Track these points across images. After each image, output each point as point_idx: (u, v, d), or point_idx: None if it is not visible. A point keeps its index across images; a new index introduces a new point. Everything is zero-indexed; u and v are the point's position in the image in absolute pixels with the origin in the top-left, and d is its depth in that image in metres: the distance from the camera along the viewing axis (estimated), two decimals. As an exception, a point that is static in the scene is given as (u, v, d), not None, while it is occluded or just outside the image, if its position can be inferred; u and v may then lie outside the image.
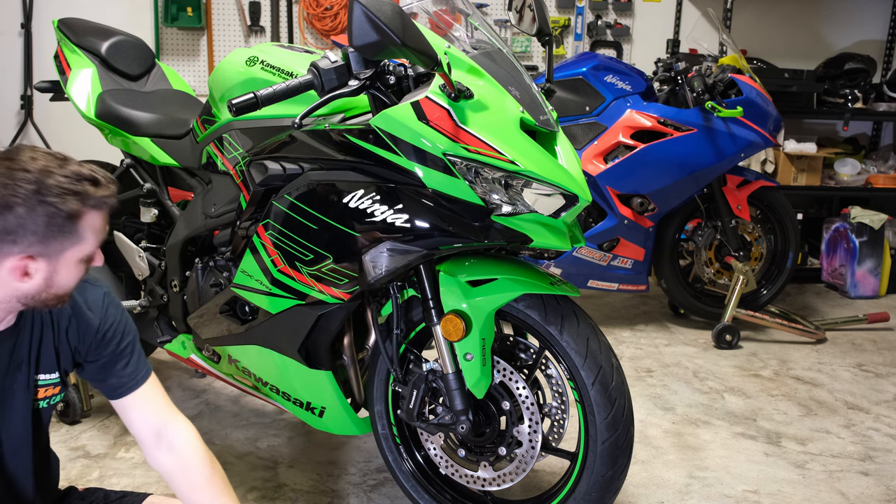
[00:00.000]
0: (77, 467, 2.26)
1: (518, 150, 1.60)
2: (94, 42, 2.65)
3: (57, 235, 1.19)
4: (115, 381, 1.45)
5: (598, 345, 1.71)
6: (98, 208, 1.23)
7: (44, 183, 1.17)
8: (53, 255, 1.21)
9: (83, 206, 1.20)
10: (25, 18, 4.53)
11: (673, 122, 3.31)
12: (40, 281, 1.22)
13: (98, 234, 1.26)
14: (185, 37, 4.69)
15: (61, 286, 1.26)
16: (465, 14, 1.91)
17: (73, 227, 1.20)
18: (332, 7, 4.61)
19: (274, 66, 1.90)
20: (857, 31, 5.04)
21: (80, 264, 1.27)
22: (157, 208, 2.46)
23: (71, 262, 1.24)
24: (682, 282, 3.64)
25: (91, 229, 1.23)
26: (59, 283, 1.25)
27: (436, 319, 1.71)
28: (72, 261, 1.24)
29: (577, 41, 4.91)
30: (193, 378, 2.94)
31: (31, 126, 4.58)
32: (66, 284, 1.27)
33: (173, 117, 2.37)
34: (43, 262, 1.21)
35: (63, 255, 1.22)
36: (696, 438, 2.55)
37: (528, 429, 1.76)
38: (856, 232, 4.26)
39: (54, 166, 1.19)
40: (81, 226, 1.21)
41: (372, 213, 1.64)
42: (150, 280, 2.39)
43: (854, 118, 4.41)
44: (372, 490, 2.20)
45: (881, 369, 3.23)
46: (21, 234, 1.16)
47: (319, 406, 1.96)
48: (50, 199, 1.16)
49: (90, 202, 1.21)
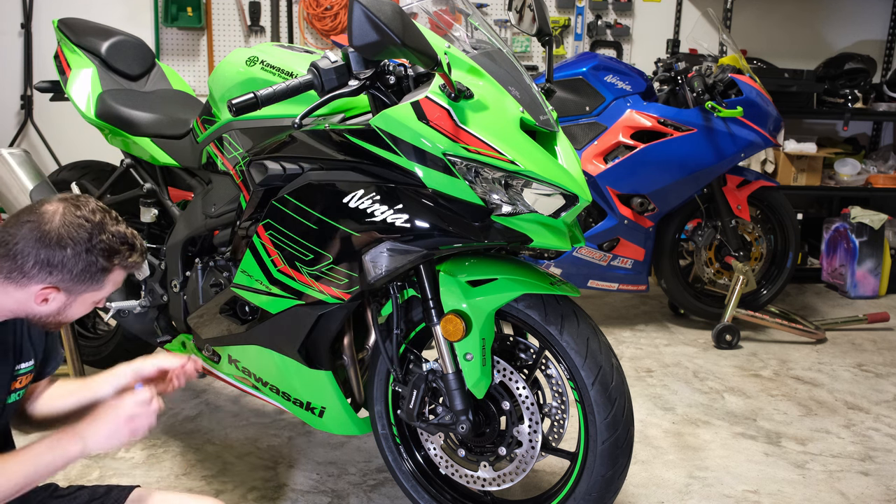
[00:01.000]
0: (77, 467, 2.26)
1: (518, 150, 1.60)
2: (94, 42, 2.65)
3: (86, 280, 1.37)
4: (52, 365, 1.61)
5: (598, 345, 1.71)
6: (124, 269, 1.43)
7: (96, 236, 1.36)
8: (74, 294, 1.39)
9: (116, 265, 1.40)
10: (25, 18, 4.53)
11: (673, 122, 3.31)
12: (54, 309, 1.39)
13: (115, 287, 1.45)
14: (185, 37, 4.69)
15: (68, 317, 1.42)
16: (465, 14, 1.91)
17: (101, 277, 1.39)
18: (332, 7, 4.60)
19: (274, 66, 1.90)
20: (857, 31, 5.04)
21: (90, 305, 1.44)
22: (157, 208, 2.46)
23: (85, 302, 1.42)
24: (682, 282, 3.64)
25: (113, 282, 1.43)
26: (67, 314, 1.42)
27: (436, 319, 1.71)
28: (86, 302, 1.42)
29: (577, 41, 4.91)
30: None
31: (31, 126, 4.58)
32: (72, 317, 1.43)
33: (173, 117, 2.37)
34: (63, 295, 1.38)
35: (82, 295, 1.40)
36: (696, 438, 2.55)
37: (528, 429, 1.76)
38: (856, 232, 4.26)
39: (109, 223, 1.39)
40: (107, 278, 1.41)
41: (372, 213, 1.64)
42: (150, 280, 2.39)
43: (854, 118, 4.41)
44: (372, 490, 2.20)
45: (881, 369, 3.23)
46: (58, 270, 1.34)
47: (319, 406, 1.96)
48: (94, 254, 1.36)
49: (122, 263, 1.41)
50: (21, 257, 1.32)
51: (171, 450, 2.40)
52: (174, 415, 2.64)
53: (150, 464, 2.31)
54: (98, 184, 2.71)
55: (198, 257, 2.20)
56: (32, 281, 1.33)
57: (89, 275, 1.36)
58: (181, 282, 2.25)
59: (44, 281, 1.33)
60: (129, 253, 1.41)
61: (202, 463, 2.32)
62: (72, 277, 1.35)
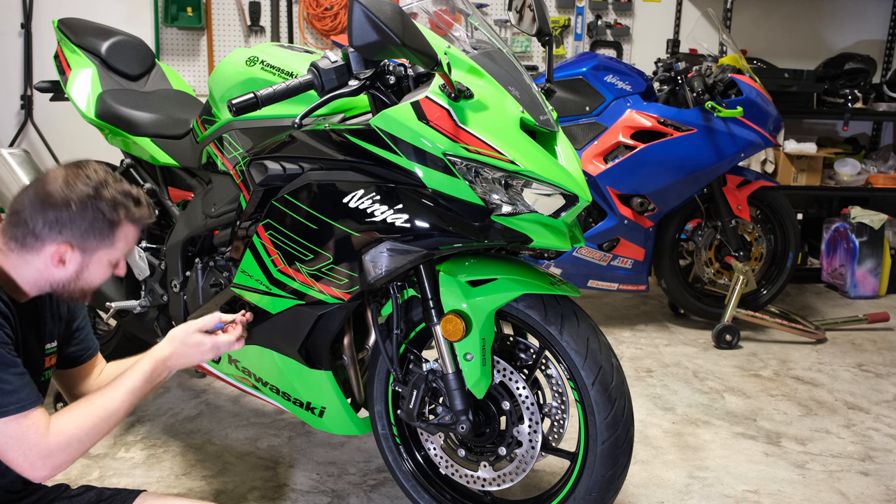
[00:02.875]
0: (77, 467, 2.26)
1: (518, 149, 1.60)
2: (94, 42, 2.65)
3: (96, 235, 1.41)
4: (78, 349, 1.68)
5: (598, 345, 1.71)
6: (134, 223, 1.47)
7: (99, 192, 1.40)
8: (88, 252, 1.43)
9: (123, 218, 1.44)
10: (25, 18, 4.53)
11: (673, 122, 3.31)
12: (72, 271, 1.43)
13: (128, 245, 1.48)
14: (185, 37, 4.69)
15: (88, 281, 1.46)
16: (465, 14, 1.91)
17: (111, 232, 1.43)
18: (332, 7, 4.61)
19: (274, 66, 1.90)
20: (857, 31, 5.04)
21: (107, 266, 1.47)
22: (157, 208, 2.46)
23: (101, 261, 1.45)
24: (682, 282, 3.64)
25: (124, 239, 1.46)
26: (87, 277, 1.45)
27: (436, 319, 1.71)
28: (102, 261, 1.45)
29: (577, 41, 4.91)
30: (193, 378, 2.94)
31: (31, 126, 4.58)
32: (92, 280, 1.47)
33: (173, 117, 2.37)
34: (78, 253, 1.42)
35: (96, 253, 1.44)
36: (696, 438, 2.55)
37: (528, 429, 1.76)
38: (856, 232, 4.26)
39: (111, 181, 1.43)
40: (117, 234, 1.44)
41: (372, 213, 1.64)
42: (150, 280, 2.39)
43: (854, 118, 4.41)
44: (372, 490, 2.20)
45: (881, 369, 3.23)
46: (68, 227, 1.39)
47: (319, 406, 1.96)
48: (100, 206, 1.40)
49: (129, 216, 1.45)
50: (31, 221, 1.37)
51: (171, 450, 2.40)
52: (174, 415, 2.64)
53: (150, 464, 2.31)
54: (98, 184, 2.71)
55: (198, 257, 2.20)
56: (45, 242, 1.38)
57: (98, 228, 1.40)
58: (181, 282, 2.25)
59: (55, 240, 1.38)
60: (135, 206, 1.45)
61: (202, 463, 2.32)
62: (81, 232, 1.39)
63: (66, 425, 1.36)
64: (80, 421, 1.37)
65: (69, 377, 1.68)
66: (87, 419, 1.38)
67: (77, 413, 1.39)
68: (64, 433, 1.35)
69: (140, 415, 2.62)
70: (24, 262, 1.40)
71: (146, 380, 1.48)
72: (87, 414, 1.39)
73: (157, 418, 2.61)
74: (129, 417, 2.59)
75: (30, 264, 1.40)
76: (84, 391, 1.68)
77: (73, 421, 1.37)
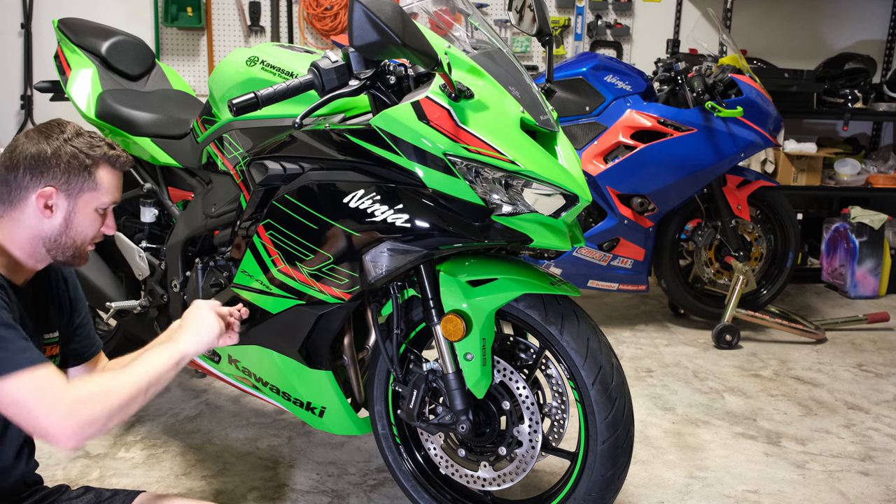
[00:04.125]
0: (77, 467, 2.26)
1: (518, 149, 1.60)
2: (94, 42, 2.65)
3: (76, 174, 1.42)
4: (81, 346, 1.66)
5: (598, 345, 1.71)
6: (110, 163, 1.47)
7: (72, 138, 1.44)
8: (72, 194, 1.42)
9: (100, 157, 1.45)
10: (25, 18, 4.53)
11: (673, 122, 3.31)
12: (60, 219, 1.42)
13: (111, 189, 1.47)
14: (185, 37, 4.69)
15: (79, 232, 1.45)
16: (465, 14, 1.91)
17: (90, 172, 1.43)
18: (332, 7, 4.61)
19: (274, 66, 1.90)
20: (857, 31, 5.04)
21: (96, 215, 1.46)
22: (157, 208, 2.46)
23: (87, 207, 1.45)
24: (682, 282, 3.64)
25: (106, 180, 1.46)
26: (77, 226, 1.44)
27: (436, 319, 1.71)
28: (88, 206, 1.45)
29: (577, 41, 4.91)
30: (193, 378, 2.94)
31: (31, 126, 4.58)
32: (84, 232, 1.46)
33: (173, 117, 2.37)
34: (63, 198, 1.42)
35: (81, 196, 1.43)
36: (696, 438, 2.55)
37: (529, 429, 1.76)
38: (856, 232, 4.26)
39: (81, 130, 1.47)
40: (97, 174, 1.44)
41: (372, 213, 1.64)
42: (150, 280, 2.39)
43: (854, 118, 4.41)
44: (372, 490, 2.20)
45: (881, 369, 3.23)
46: (47, 168, 1.40)
47: (319, 406, 1.96)
48: (75, 145, 1.42)
49: (105, 157, 1.46)
50: (12, 177, 1.40)
51: (171, 450, 2.40)
52: (174, 415, 2.64)
53: (150, 464, 2.31)
54: (98, 184, 2.71)
55: (198, 257, 2.20)
56: (29, 191, 1.39)
57: (76, 168, 1.41)
58: (181, 282, 2.25)
59: (38, 185, 1.39)
60: (109, 149, 1.46)
61: (202, 463, 2.32)
62: (62, 173, 1.40)
63: (87, 381, 1.31)
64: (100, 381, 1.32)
65: (74, 375, 1.67)
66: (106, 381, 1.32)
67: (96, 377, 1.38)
68: (86, 387, 1.28)
69: (140, 415, 2.62)
70: (14, 224, 1.41)
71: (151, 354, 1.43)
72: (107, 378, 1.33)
73: (157, 418, 2.61)
74: (128, 417, 2.58)
75: (20, 223, 1.40)
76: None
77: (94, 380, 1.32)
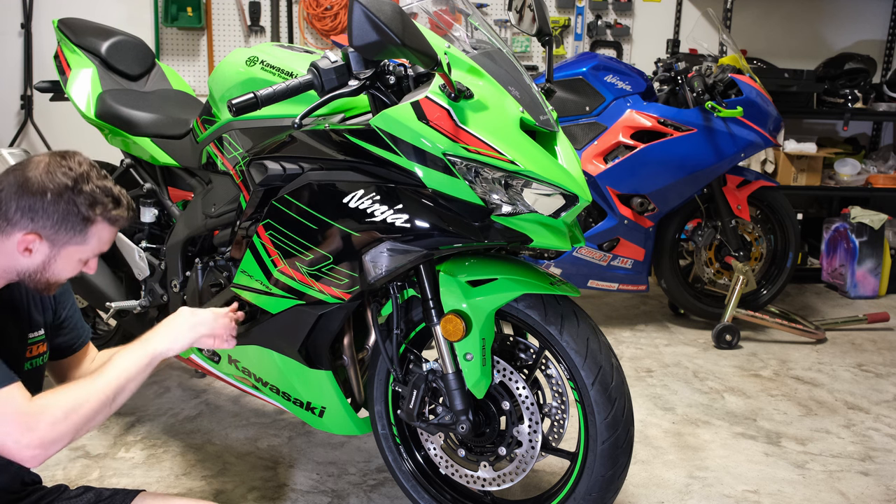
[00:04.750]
0: (77, 467, 2.26)
1: (518, 149, 1.60)
2: (94, 42, 2.65)
3: (67, 230, 1.36)
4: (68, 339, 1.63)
5: (598, 345, 1.71)
6: (110, 223, 1.41)
7: (78, 185, 1.36)
8: (57, 245, 1.37)
9: (99, 216, 1.38)
10: (25, 18, 4.53)
11: (673, 122, 3.31)
12: (39, 262, 1.38)
13: (101, 244, 1.43)
14: (185, 37, 4.69)
15: (54, 274, 1.41)
16: (465, 14, 1.91)
17: (84, 228, 1.38)
18: (332, 7, 4.61)
19: (274, 66, 1.90)
20: (857, 31, 5.04)
21: (77, 263, 1.42)
22: (157, 208, 2.46)
23: (70, 257, 1.40)
24: (682, 282, 3.64)
25: (97, 237, 1.41)
26: (53, 270, 1.40)
27: (436, 319, 1.71)
28: (71, 256, 1.40)
29: (577, 41, 4.91)
30: (193, 378, 2.94)
31: (31, 126, 4.58)
32: (59, 275, 1.42)
33: (173, 117, 2.37)
34: (46, 245, 1.37)
35: (65, 247, 1.38)
36: (696, 438, 2.55)
37: (528, 429, 1.76)
38: (856, 232, 4.26)
39: (94, 176, 1.39)
40: (90, 231, 1.39)
41: (372, 213, 1.64)
42: (150, 280, 2.39)
43: (854, 118, 4.41)
44: (372, 490, 2.20)
45: (881, 369, 3.23)
46: (40, 216, 1.34)
47: (319, 406, 1.96)
48: (76, 199, 1.35)
49: (105, 215, 1.40)
50: (4, 204, 1.34)
51: (171, 450, 2.40)
52: (174, 415, 2.64)
53: (150, 464, 2.31)
54: (98, 184, 2.71)
55: (198, 257, 2.20)
56: (15, 228, 1.34)
57: (70, 223, 1.36)
58: (181, 282, 2.25)
59: (25, 228, 1.34)
60: (114, 206, 1.40)
61: (202, 463, 2.32)
62: (52, 224, 1.35)
63: (49, 399, 1.30)
64: (65, 395, 1.32)
65: (63, 367, 1.67)
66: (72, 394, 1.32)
67: (63, 390, 1.34)
68: (48, 406, 1.28)
69: (140, 415, 2.62)
70: None
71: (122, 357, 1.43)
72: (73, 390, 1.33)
73: (157, 418, 2.61)
74: (129, 417, 2.59)
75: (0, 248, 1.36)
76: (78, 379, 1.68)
77: (59, 395, 1.32)
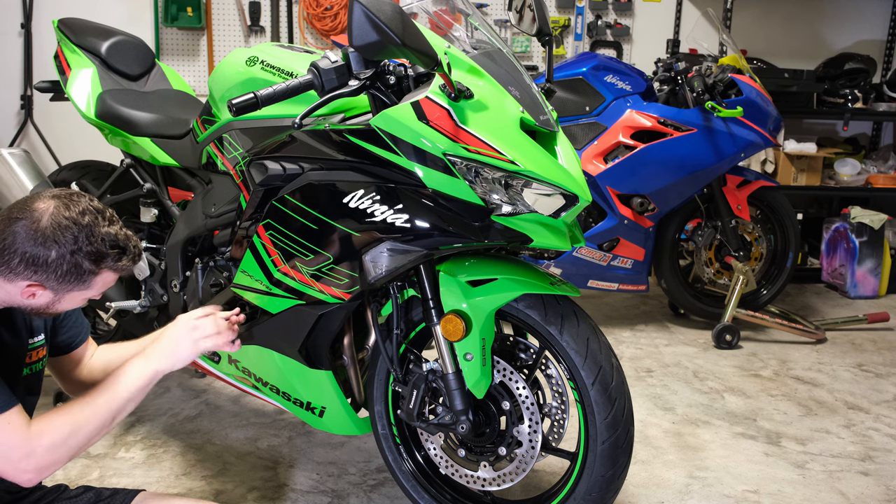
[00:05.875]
0: (77, 467, 2.26)
1: (518, 149, 1.60)
2: (94, 42, 2.65)
3: (71, 281, 1.39)
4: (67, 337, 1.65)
5: (598, 345, 1.71)
6: (114, 271, 1.44)
7: (83, 239, 1.36)
8: (60, 292, 1.40)
9: (104, 267, 1.41)
10: (25, 18, 4.53)
11: (673, 122, 3.31)
12: (42, 303, 1.41)
13: (105, 286, 1.46)
14: (185, 37, 4.69)
15: (59, 310, 1.45)
16: (465, 14, 1.91)
17: (88, 278, 1.40)
18: (332, 7, 4.61)
19: (274, 66, 1.90)
20: (857, 31, 5.04)
21: (81, 301, 1.46)
22: (157, 208, 2.46)
23: (74, 299, 1.44)
24: (682, 282, 3.64)
25: (101, 283, 1.44)
26: (57, 308, 1.44)
27: (436, 319, 1.71)
28: (75, 298, 1.44)
29: (577, 41, 4.91)
30: (193, 378, 2.94)
31: (31, 126, 4.58)
32: (64, 310, 1.47)
33: (173, 117, 2.37)
34: (50, 293, 1.40)
35: (69, 293, 1.41)
36: (696, 438, 2.55)
37: (528, 429, 1.76)
38: (856, 232, 4.26)
39: (100, 224, 1.39)
40: (94, 280, 1.41)
41: (372, 213, 1.64)
42: (150, 280, 2.39)
43: (854, 118, 4.40)
44: (372, 490, 2.20)
45: (881, 369, 3.23)
46: (43, 270, 1.35)
47: (319, 406, 1.96)
48: (79, 256, 1.36)
49: (111, 266, 1.42)
50: (8, 253, 1.34)
51: (171, 450, 2.40)
52: (174, 415, 2.64)
53: (150, 464, 2.31)
54: (98, 184, 2.71)
55: (198, 257, 2.20)
56: (18, 277, 1.35)
57: (74, 276, 1.38)
58: (181, 282, 2.25)
59: (29, 278, 1.36)
60: (119, 257, 1.41)
61: (202, 463, 2.32)
62: (56, 278, 1.36)
63: (48, 425, 1.34)
64: (64, 419, 1.35)
65: (62, 364, 1.68)
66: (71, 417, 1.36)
67: (62, 412, 1.37)
68: (47, 432, 1.33)
69: (140, 415, 2.62)
70: None
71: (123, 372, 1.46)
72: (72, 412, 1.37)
73: (157, 418, 2.61)
74: (129, 417, 2.59)
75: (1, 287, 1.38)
76: (78, 375, 1.68)
77: (58, 420, 1.35)
